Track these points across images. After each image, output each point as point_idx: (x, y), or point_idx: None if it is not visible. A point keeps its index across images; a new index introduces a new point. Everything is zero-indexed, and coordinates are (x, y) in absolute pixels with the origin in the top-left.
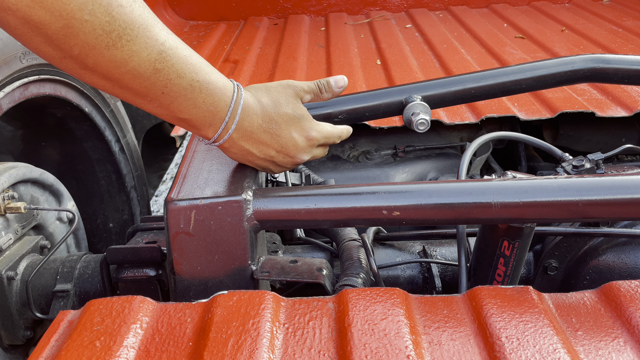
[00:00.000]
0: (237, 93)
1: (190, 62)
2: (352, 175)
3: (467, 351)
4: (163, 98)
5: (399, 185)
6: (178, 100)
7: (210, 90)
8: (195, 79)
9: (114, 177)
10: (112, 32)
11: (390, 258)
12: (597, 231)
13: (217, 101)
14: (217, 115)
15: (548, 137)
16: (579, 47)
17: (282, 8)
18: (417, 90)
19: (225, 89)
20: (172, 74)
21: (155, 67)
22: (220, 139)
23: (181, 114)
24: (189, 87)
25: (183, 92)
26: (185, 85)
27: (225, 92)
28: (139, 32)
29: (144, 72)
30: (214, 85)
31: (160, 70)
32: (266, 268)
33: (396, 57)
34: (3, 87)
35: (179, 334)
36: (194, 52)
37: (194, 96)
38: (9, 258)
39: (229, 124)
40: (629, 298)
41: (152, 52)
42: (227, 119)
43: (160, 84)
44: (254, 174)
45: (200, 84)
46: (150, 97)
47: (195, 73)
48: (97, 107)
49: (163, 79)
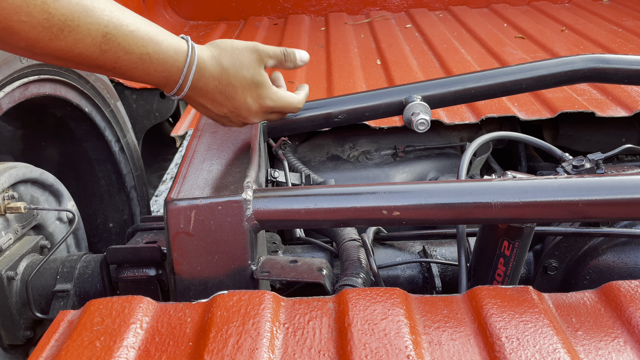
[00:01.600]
0: (191, 57)
1: (138, 36)
2: (352, 175)
3: (467, 351)
4: (115, 70)
5: (399, 185)
6: (130, 71)
7: (161, 60)
8: (144, 52)
9: (114, 177)
10: (52, 27)
11: (390, 258)
12: (597, 231)
13: (170, 68)
14: (171, 79)
15: (548, 137)
16: (579, 47)
17: (282, 8)
18: (417, 90)
19: (178, 55)
20: (120, 51)
21: (101, 49)
22: (177, 96)
23: (136, 79)
24: (139, 61)
25: (134, 65)
26: (134, 59)
27: (178, 58)
28: (79, 22)
29: (92, 55)
30: (164, 54)
31: (107, 51)
32: (266, 268)
33: (396, 57)
34: (3, 87)
35: (179, 334)
36: (144, 23)
37: (145, 67)
38: (9, 258)
39: (183, 85)
40: (629, 298)
41: (96, 36)
42: (181, 82)
43: (110, 61)
44: (254, 174)
45: (150, 56)
46: (103, 70)
47: (144, 46)
48: (97, 107)
49: (111, 57)
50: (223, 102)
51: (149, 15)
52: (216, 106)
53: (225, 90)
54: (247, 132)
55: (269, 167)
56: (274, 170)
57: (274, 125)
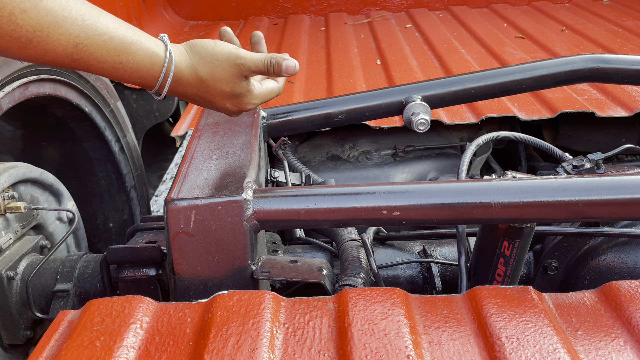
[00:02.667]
0: (167, 68)
1: (111, 46)
2: (352, 175)
3: (467, 351)
4: (91, 73)
5: (399, 185)
6: (105, 75)
7: (135, 69)
8: (117, 61)
9: (114, 177)
10: (20, 37)
11: (390, 258)
12: (597, 231)
13: (144, 76)
14: (147, 85)
15: (548, 137)
16: (579, 47)
17: (282, 8)
18: (417, 90)
19: (154, 65)
20: (92, 60)
21: (73, 58)
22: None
23: (113, 79)
24: (112, 69)
25: (107, 72)
26: (108, 67)
27: (153, 68)
28: (49, 32)
29: (63, 62)
30: (139, 64)
31: (79, 60)
32: (266, 268)
33: (396, 57)
34: (3, 87)
35: (179, 334)
36: (120, 30)
37: (119, 74)
38: (9, 258)
39: (160, 90)
40: (629, 298)
41: (67, 46)
42: (157, 88)
43: (82, 68)
44: (254, 174)
45: (124, 65)
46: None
47: (117, 56)
48: (97, 107)
49: (83, 65)
50: (203, 104)
51: (149, 16)
52: (197, 103)
53: (204, 96)
54: (247, 132)
55: (269, 167)
56: (274, 170)
57: (274, 125)
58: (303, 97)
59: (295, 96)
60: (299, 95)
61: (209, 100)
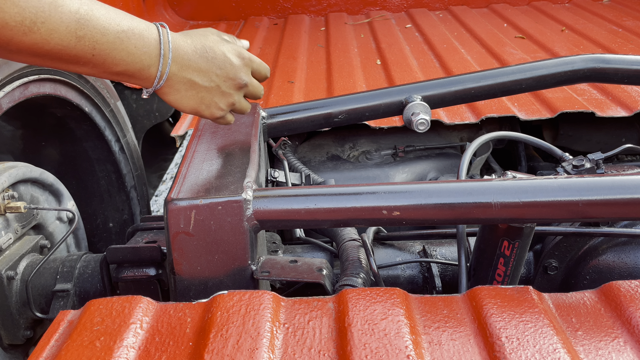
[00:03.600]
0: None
1: (110, 16)
2: (352, 175)
3: (467, 351)
4: (95, 59)
5: (399, 185)
6: (111, 55)
7: (137, 35)
8: (120, 29)
9: (113, 177)
10: (24, 20)
11: (390, 258)
12: (597, 231)
13: (147, 41)
14: (153, 54)
15: (548, 137)
16: (579, 47)
17: (282, 8)
18: (417, 90)
19: (149, 29)
20: (97, 34)
21: (77, 36)
22: (163, 76)
23: (117, 67)
24: (117, 40)
25: (112, 46)
26: (112, 39)
27: (151, 32)
28: (50, 11)
29: (69, 44)
30: (138, 29)
31: (83, 37)
32: (266, 268)
33: (396, 57)
34: (3, 87)
35: (179, 334)
36: (110, 7)
37: (124, 46)
38: (9, 258)
39: (166, 56)
40: (629, 298)
41: (70, 23)
42: (163, 52)
43: (88, 48)
44: (254, 174)
45: (127, 33)
46: (82, 62)
47: (118, 24)
48: (97, 107)
49: (89, 42)
50: (208, 67)
51: (149, 16)
52: (204, 76)
53: (203, 52)
54: (247, 132)
55: (269, 167)
56: (274, 170)
57: (274, 125)
58: (303, 97)
59: (295, 96)
60: (299, 95)
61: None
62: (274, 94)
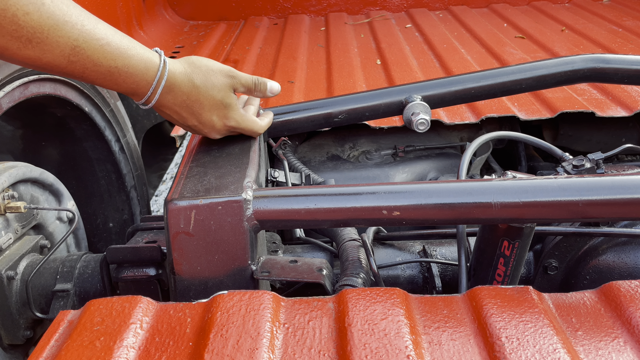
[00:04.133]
0: (161, 72)
1: (108, 50)
2: (352, 175)
3: (467, 351)
4: (84, 78)
5: (399, 185)
6: (98, 80)
7: (130, 73)
8: (112, 65)
9: (113, 177)
10: (20, 37)
11: (390, 258)
12: (597, 231)
13: (138, 81)
14: (139, 91)
15: (548, 137)
16: (579, 47)
17: (282, 8)
18: (417, 90)
19: (148, 70)
20: (88, 63)
21: (69, 60)
22: (146, 105)
23: (105, 87)
24: (107, 73)
25: (102, 76)
26: (103, 71)
27: (148, 73)
28: (48, 34)
29: (59, 64)
30: (134, 68)
31: (75, 62)
32: (266, 268)
33: (396, 57)
34: (3, 87)
35: (179, 334)
36: (117, 36)
37: (113, 79)
38: (9, 257)
39: (150, 98)
40: (629, 298)
41: (65, 48)
42: (149, 95)
43: (78, 71)
44: (254, 174)
45: (119, 69)
46: (72, 77)
47: (113, 60)
48: (97, 107)
49: (79, 68)
50: (188, 118)
51: (149, 16)
52: (181, 118)
53: (192, 106)
54: None
55: (269, 167)
56: (274, 170)
57: (274, 125)
58: (303, 97)
59: (295, 96)
60: (299, 95)
61: (196, 112)
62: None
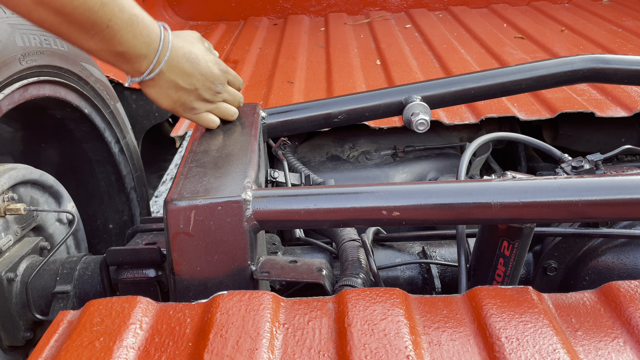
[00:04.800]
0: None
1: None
2: (352, 175)
3: (467, 351)
4: (107, 31)
5: (399, 185)
6: (120, 32)
7: (145, 24)
8: (133, 13)
9: (113, 178)
10: None
11: (389, 259)
12: (596, 232)
13: (151, 33)
14: (152, 46)
15: (548, 137)
16: (579, 47)
17: (281, 8)
18: (417, 90)
19: (154, 24)
20: (116, 7)
21: (102, 2)
22: (154, 70)
23: (121, 46)
24: (129, 21)
25: (124, 24)
26: (126, 18)
27: (155, 27)
28: None
29: (93, 6)
30: (148, 20)
31: (107, 4)
32: (266, 268)
33: (396, 57)
34: (3, 89)
35: (178, 334)
36: None
37: (133, 28)
38: (9, 259)
39: (163, 53)
40: (629, 298)
41: None
42: (161, 48)
43: (106, 17)
44: (253, 174)
45: (138, 18)
46: (95, 31)
47: (132, 8)
48: (96, 109)
49: (108, 12)
50: (191, 71)
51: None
52: (186, 79)
53: (190, 56)
54: (246, 132)
55: (268, 167)
56: (274, 171)
57: (273, 125)
58: (303, 97)
59: (295, 96)
60: (299, 95)
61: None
62: (274, 94)
